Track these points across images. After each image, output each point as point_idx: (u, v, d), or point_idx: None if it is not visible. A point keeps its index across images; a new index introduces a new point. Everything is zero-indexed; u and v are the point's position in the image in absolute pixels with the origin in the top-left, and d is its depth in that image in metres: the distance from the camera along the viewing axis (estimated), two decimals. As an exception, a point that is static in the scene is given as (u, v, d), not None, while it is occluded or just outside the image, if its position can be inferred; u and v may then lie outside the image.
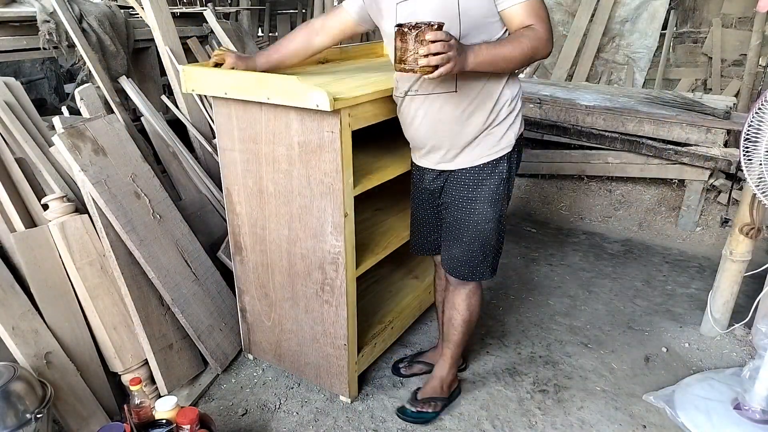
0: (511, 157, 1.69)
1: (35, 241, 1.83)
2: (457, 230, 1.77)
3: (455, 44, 1.36)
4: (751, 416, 1.86)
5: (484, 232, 1.74)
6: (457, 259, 1.80)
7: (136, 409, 1.56)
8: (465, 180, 1.70)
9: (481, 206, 1.71)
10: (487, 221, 1.72)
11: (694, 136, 3.28)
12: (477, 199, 1.70)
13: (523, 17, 1.49)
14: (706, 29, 5.13)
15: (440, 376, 1.98)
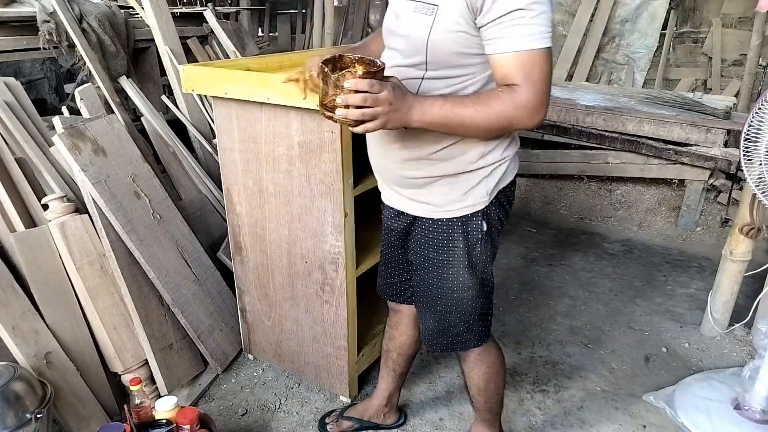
0: (488, 212, 1.35)
1: (35, 241, 1.83)
2: (428, 298, 1.47)
3: (387, 97, 1.08)
4: (751, 416, 1.86)
5: (462, 300, 1.44)
6: (431, 330, 1.51)
7: (136, 409, 1.56)
8: (430, 236, 1.39)
9: (455, 271, 1.40)
10: (464, 289, 1.42)
11: (694, 136, 3.28)
12: (450, 262, 1.39)
13: (508, 72, 1.13)
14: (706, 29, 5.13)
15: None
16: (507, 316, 2.57)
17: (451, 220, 1.36)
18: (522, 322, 2.53)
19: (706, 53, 5.13)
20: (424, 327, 1.55)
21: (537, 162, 3.74)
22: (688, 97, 3.72)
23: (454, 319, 1.47)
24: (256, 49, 3.89)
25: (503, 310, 2.63)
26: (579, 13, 5.29)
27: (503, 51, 1.12)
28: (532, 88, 1.12)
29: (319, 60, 1.14)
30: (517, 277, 2.94)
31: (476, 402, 1.63)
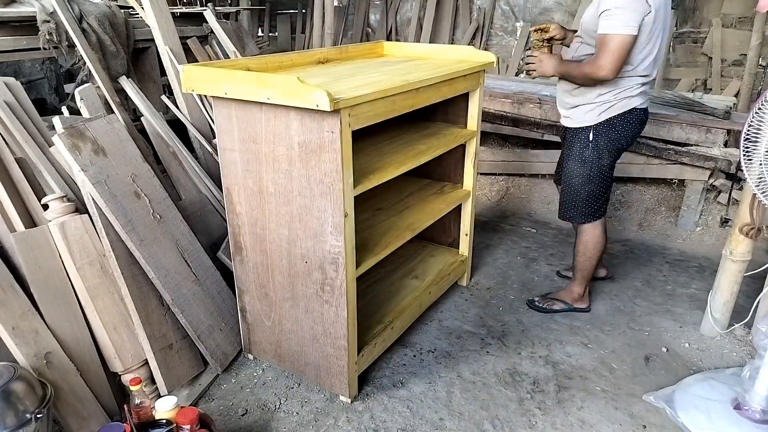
0: (597, 129, 2.24)
1: (35, 241, 1.83)
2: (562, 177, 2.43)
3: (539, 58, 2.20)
4: (751, 416, 1.86)
5: (572, 184, 2.35)
6: (560, 202, 2.45)
7: (136, 409, 1.56)
8: (568, 138, 2.37)
9: (571, 162, 2.33)
10: (574, 176, 2.33)
11: (694, 136, 3.28)
12: (569, 156, 2.34)
13: (598, 45, 2.04)
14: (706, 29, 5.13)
15: (568, 289, 2.59)
16: (507, 316, 2.58)
17: (575, 129, 2.31)
18: (522, 322, 2.53)
19: (706, 53, 5.13)
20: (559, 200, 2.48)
21: (537, 162, 3.74)
22: (688, 97, 3.72)
23: (567, 196, 2.40)
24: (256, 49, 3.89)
25: (503, 310, 2.63)
26: (579, 13, 5.29)
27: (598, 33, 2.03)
28: (605, 55, 2.02)
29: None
30: (517, 277, 2.94)
31: (576, 261, 2.50)
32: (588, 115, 2.24)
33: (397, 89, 1.81)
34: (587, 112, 2.24)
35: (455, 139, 2.38)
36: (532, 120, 3.60)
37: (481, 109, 2.48)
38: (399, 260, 2.69)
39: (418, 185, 2.69)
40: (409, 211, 2.39)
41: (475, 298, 2.74)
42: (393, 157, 2.08)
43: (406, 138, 2.35)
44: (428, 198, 2.53)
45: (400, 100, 1.87)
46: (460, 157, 2.60)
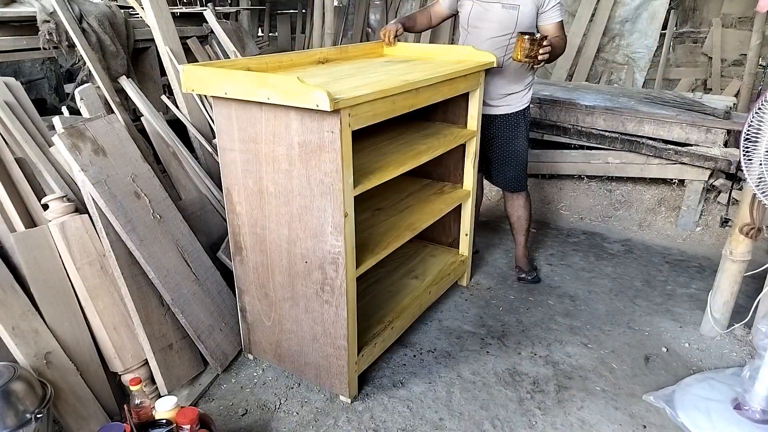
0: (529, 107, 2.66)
1: (35, 241, 1.83)
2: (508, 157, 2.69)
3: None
4: (751, 416, 1.86)
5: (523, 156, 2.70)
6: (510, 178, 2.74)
7: (137, 409, 1.56)
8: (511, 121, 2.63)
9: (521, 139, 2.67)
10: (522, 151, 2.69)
11: (694, 136, 3.28)
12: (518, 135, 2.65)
13: (555, 30, 2.45)
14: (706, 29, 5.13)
15: (524, 255, 2.93)
16: (507, 316, 2.58)
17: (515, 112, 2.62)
18: (522, 322, 2.53)
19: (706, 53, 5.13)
20: (507, 177, 2.76)
21: (537, 162, 3.74)
22: (688, 97, 3.72)
23: (520, 170, 2.72)
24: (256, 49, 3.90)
25: (503, 310, 2.63)
26: (579, 13, 5.29)
27: (553, 22, 2.45)
28: (564, 36, 2.50)
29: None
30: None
31: (522, 226, 2.87)
32: (526, 97, 2.63)
33: (397, 89, 1.81)
34: (525, 94, 2.62)
35: (455, 139, 2.38)
36: (532, 120, 3.60)
37: (481, 109, 2.48)
38: (399, 260, 2.69)
39: (418, 185, 2.69)
40: (409, 211, 2.39)
41: (475, 298, 2.74)
42: (393, 157, 2.08)
43: (406, 138, 2.35)
44: (428, 198, 2.53)
45: (400, 100, 1.87)
46: (460, 157, 2.60)
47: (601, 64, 5.43)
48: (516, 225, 2.88)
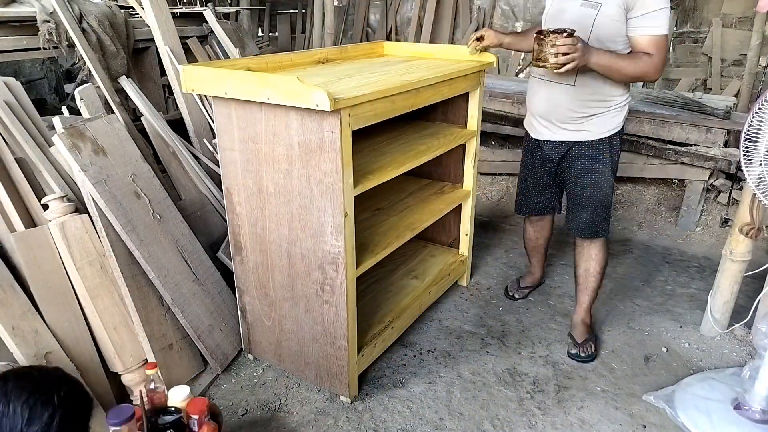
0: (617, 134, 2.11)
1: (35, 241, 1.83)
2: (586, 197, 2.18)
3: (581, 47, 1.77)
4: (751, 416, 1.86)
5: (606, 196, 2.16)
6: (583, 222, 2.23)
7: (151, 393, 1.58)
8: (589, 152, 2.11)
9: (603, 174, 2.13)
10: (608, 186, 2.15)
11: (694, 136, 3.28)
12: (600, 169, 2.12)
13: (646, 46, 1.87)
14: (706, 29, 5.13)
15: (584, 321, 2.33)
16: (507, 316, 2.58)
17: (602, 139, 2.09)
18: (522, 322, 2.53)
19: (706, 53, 5.13)
20: (579, 220, 2.23)
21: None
22: (688, 97, 3.72)
23: (599, 212, 2.18)
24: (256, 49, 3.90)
25: (503, 309, 2.63)
26: (579, 13, 5.28)
27: (646, 34, 1.87)
28: (660, 56, 1.87)
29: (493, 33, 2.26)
30: (517, 277, 2.93)
31: (593, 281, 2.28)
32: (612, 122, 2.08)
33: (397, 89, 1.81)
34: (612, 118, 2.07)
35: (455, 139, 2.38)
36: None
37: (481, 109, 2.48)
38: (399, 260, 2.69)
39: (418, 185, 2.69)
40: (409, 211, 2.39)
41: (475, 298, 2.74)
42: (393, 157, 2.08)
43: (406, 138, 2.35)
44: (428, 198, 2.53)
45: (400, 100, 1.87)
46: (460, 157, 2.60)
47: (601, 64, 5.42)
48: (581, 280, 2.31)
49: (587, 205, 2.18)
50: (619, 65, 1.86)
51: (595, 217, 2.18)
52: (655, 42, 1.86)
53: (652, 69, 1.87)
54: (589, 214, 2.19)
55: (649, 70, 1.87)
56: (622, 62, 1.86)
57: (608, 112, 2.05)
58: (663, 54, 1.88)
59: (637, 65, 1.87)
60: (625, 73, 1.88)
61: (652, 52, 1.85)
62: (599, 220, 2.19)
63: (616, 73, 1.88)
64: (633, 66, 1.87)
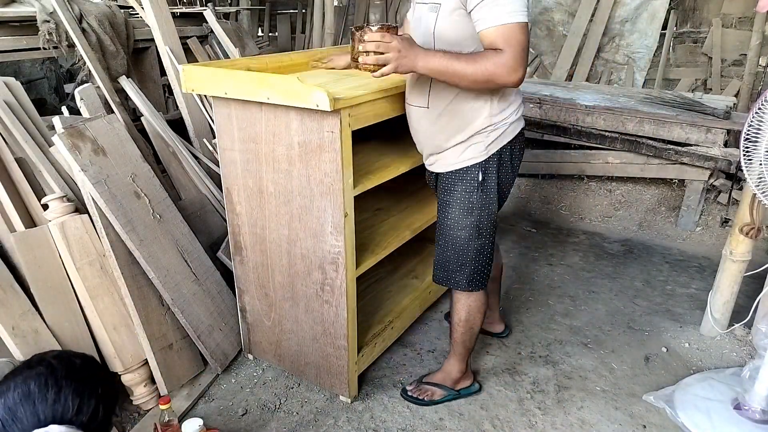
0: (485, 166, 1.71)
1: (35, 241, 1.83)
2: (438, 233, 1.86)
3: (397, 45, 1.44)
4: (751, 416, 1.86)
5: (456, 238, 1.79)
6: (436, 262, 1.90)
7: (164, 426, 1.63)
8: (443, 184, 1.80)
9: (453, 211, 1.77)
10: (459, 228, 1.77)
11: (694, 136, 3.28)
12: (450, 203, 1.77)
13: (493, 40, 1.47)
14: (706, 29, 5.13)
15: (445, 370, 2.05)
16: (507, 317, 2.57)
17: (456, 171, 1.74)
18: (522, 322, 2.53)
19: (706, 53, 5.13)
20: (434, 260, 1.90)
21: (537, 162, 3.74)
22: (688, 97, 3.72)
23: (450, 255, 1.82)
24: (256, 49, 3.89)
25: (503, 310, 2.63)
26: (579, 13, 5.28)
27: (490, 26, 1.46)
28: (513, 51, 1.45)
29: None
30: (517, 277, 2.94)
31: (455, 332, 1.95)
32: (474, 150, 1.69)
33: (397, 89, 1.81)
34: (471, 146, 1.69)
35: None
36: (532, 120, 3.60)
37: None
38: (399, 260, 2.69)
39: (418, 185, 2.68)
40: (409, 211, 2.39)
41: (475, 298, 2.73)
42: (393, 157, 2.08)
43: (406, 138, 2.34)
44: (428, 198, 2.53)
45: (400, 100, 1.87)
46: (460, 157, 2.59)
47: (601, 64, 5.42)
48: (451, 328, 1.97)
49: (438, 244, 1.85)
50: (455, 67, 1.47)
51: (445, 261, 1.83)
52: (502, 34, 1.44)
53: (500, 68, 1.45)
54: (439, 256, 1.86)
55: (497, 69, 1.45)
56: (460, 63, 1.47)
57: (469, 138, 1.68)
58: (517, 49, 1.44)
59: (478, 65, 1.46)
60: (466, 76, 1.48)
61: (501, 47, 1.45)
62: (450, 268, 1.82)
63: (456, 78, 1.50)
64: (473, 66, 1.46)
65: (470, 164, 1.71)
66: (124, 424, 1.92)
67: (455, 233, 1.78)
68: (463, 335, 1.94)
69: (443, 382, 2.03)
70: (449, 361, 2.03)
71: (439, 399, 2.02)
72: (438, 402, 2.01)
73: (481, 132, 1.67)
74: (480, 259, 1.81)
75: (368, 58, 1.43)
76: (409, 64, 1.48)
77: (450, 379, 2.03)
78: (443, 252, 1.84)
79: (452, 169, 1.74)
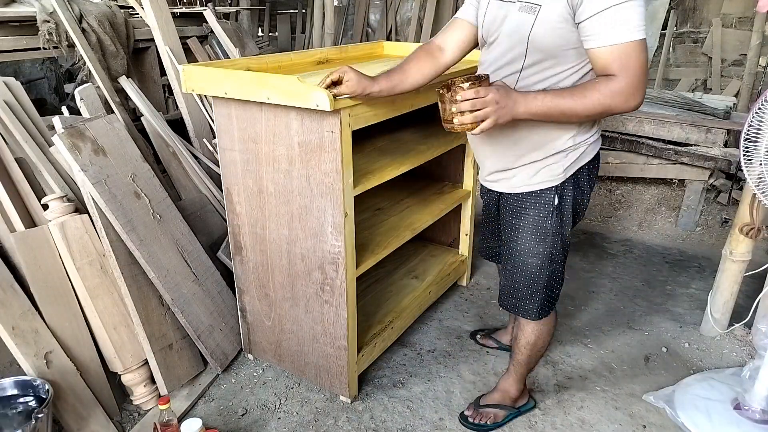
0: (562, 190, 1.55)
1: (35, 241, 1.83)
2: (506, 257, 1.72)
3: (493, 98, 1.30)
4: (751, 416, 1.86)
5: (527, 265, 1.65)
6: (503, 287, 1.78)
7: (164, 426, 1.64)
8: (511, 206, 1.64)
9: (523, 236, 1.63)
10: (530, 254, 1.63)
11: (694, 136, 3.28)
12: (520, 227, 1.63)
13: (607, 63, 1.30)
14: (706, 29, 5.13)
15: (503, 389, 1.96)
16: (507, 317, 2.57)
17: (528, 193, 1.58)
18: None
19: (706, 53, 5.13)
20: (501, 284, 1.80)
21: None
22: (688, 97, 3.72)
23: (520, 282, 1.69)
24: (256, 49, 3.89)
25: (503, 310, 2.63)
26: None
27: (602, 45, 1.28)
28: (629, 76, 1.28)
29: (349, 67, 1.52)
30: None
31: (519, 354, 1.85)
32: (549, 172, 1.53)
33: (397, 89, 1.81)
34: (548, 166, 1.53)
35: (455, 139, 2.38)
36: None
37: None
38: (399, 260, 2.69)
39: (418, 185, 2.69)
40: (409, 211, 2.39)
41: (475, 298, 2.74)
42: (393, 157, 2.08)
43: (406, 138, 2.35)
44: (428, 198, 2.53)
45: (400, 100, 1.87)
46: (460, 157, 2.60)
47: (601, 64, 5.43)
48: (513, 344, 1.89)
49: (506, 269, 1.73)
50: (562, 107, 1.34)
51: (514, 289, 1.71)
52: (619, 55, 1.28)
53: (617, 98, 1.30)
54: (508, 282, 1.74)
55: (613, 100, 1.31)
56: (566, 101, 1.33)
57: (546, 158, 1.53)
58: (635, 72, 1.28)
59: (589, 99, 1.32)
60: (576, 114, 1.35)
61: (616, 72, 1.29)
62: (520, 295, 1.71)
63: (565, 117, 1.38)
64: (583, 102, 1.32)
65: (544, 187, 1.55)
66: (124, 424, 1.92)
67: (526, 260, 1.64)
68: (529, 357, 1.85)
69: (502, 402, 1.94)
70: (507, 381, 1.94)
71: (502, 421, 1.93)
72: (502, 424, 1.93)
73: (560, 152, 1.50)
74: (551, 286, 1.70)
75: (465, 117, 1.31)
76: (510, 113, 1.34)
77: (509, 398, 1.94)
78: (511, 278, 1.70)
79: (523, 191, 1.58)
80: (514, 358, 1.89)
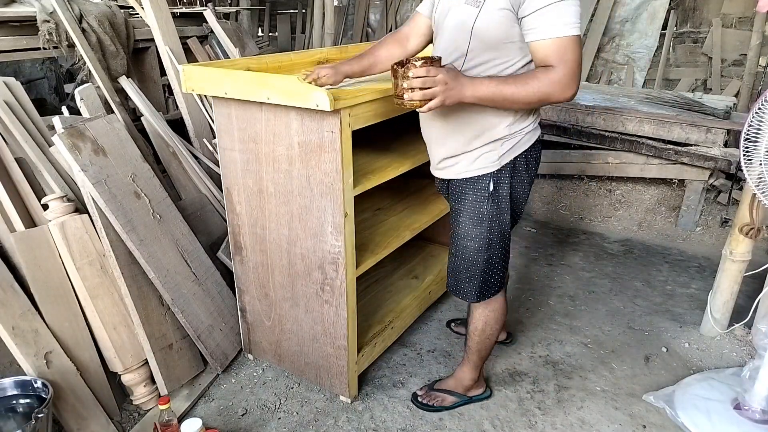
0: (497, 176, 1.63)
1: (35, 241, 1.83)
2: (450, 241, 1.81)
3: (443, 78, 1.37)
4: (751, 416, 1.86)
5: (466, 249, 1.73)
6: (448, 270, 1.86)
7: (164, 426, 1.64)
8: (454, 192, 1.73)
9: (463, 221, 1.71)
10: (468, 238, 1.72)
11: (694, 136, 3.28)
12: (461, 212, 1.72)
13: (546, 54, 1.40)
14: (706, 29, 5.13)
15: (458, 377, 2.02)
16: (507, 316, 2.57)
17: (467, 179, 1.66)
18: (522, 322, 2.53)
19: (706, 53, 5.13)
20: (447, 267, 1.87)
21: (537, 162, 3.74)
22: (688, 97, 3.72)
23: (460, 265, 1.77)
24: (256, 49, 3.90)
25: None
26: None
27: (543, 37, 1.39)
28: (566, 68, 1.39)
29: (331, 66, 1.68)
30: (517, 277, 2.94)
31: (470, 340, 1.92)
32: (486, 159, 1.62)
33: (397, 89, 1.81)
34: (485, 153, 1.61)
35: (455, 139, 2.38)
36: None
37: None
38: (399, 260, 2.69)
39: (418, 185, 2.68)
40: (409, 211, 2.39)
41: (475, 298, 2.73)
42: (393, 157, 2.08)
43: (406, 138, 2.35)
44: (428, 198, 2.53)
45: (400, 100, 1.87)
46: (460, 157, 2.59)
47: (601, 64, 5.42)
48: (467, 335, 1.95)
49: (450, 252, 1.82)
50: (505, 92, 1.42)
51: (455, 271, 1.79)
52: (557, 48, 1.38)
53: (554, 87, 1.40)
54: (450, 264, 1.82)
55: (551, 88, 1.40)
56: (510, 87, 1.42)
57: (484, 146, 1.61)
58: (571, 65, 1.39)
59: (530, 87, 1.41)
60: (518, 100, 1.44)
61: (554, 63, 1.39)
62: (460, 278, 1.78)
63: (507, 103, 1.46)
64: (525, 89, 1.41)
65: (481, 173, 1.64)
66: (124, 425, 1.92)
67: (465, 243, 1.73)
68: (478, 344, 1.91)
69: (455, 389, 2.01)
70: (462, 369, 2.00)
71: (449, 405, 2.00)
72: (449, 408, 2.00)
73: (496, 140, 1.60)
74: (489, 271, 1.76)
75: (414, 94, 1.37)
76: (457, 95, 1.41)
77: (462, 386, 2.01)
78: (454, 261, 1.79)
79: (463, 177, 1.67)
80: (466, 345, 1.96)
